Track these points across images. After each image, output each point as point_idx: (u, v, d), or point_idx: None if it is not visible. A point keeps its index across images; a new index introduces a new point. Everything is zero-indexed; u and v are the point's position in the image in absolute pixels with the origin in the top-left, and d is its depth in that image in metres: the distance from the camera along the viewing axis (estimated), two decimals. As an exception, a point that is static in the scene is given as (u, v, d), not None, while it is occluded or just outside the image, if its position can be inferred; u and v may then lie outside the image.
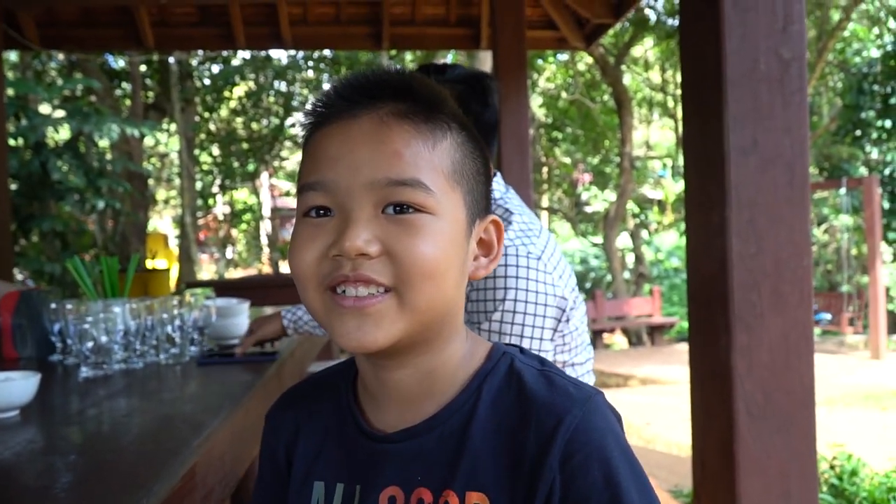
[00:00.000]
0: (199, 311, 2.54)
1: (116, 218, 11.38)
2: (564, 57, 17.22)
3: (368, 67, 0.96)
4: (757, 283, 2.16)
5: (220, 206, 21.96)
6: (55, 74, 13.41)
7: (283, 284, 7.38)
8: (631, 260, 18.08)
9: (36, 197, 7.35)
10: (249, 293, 3.64)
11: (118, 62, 13.86)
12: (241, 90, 18.00)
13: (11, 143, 7.08)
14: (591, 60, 16.25)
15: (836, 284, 15.01)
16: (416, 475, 0.92)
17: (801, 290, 2.18)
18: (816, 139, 16.03)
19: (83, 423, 1.69)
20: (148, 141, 15.65)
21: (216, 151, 18.87)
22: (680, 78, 2.48)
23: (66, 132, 7.75)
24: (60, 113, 7.72)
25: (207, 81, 16.99)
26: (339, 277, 0.87)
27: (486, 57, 10.09)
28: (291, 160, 19.82)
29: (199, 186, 18.39)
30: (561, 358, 1.83)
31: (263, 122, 18.25)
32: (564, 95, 18.32)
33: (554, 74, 18.39)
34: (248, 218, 22.62)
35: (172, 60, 13.62)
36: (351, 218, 0.87)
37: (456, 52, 13.85)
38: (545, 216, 21.39)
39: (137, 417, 1.75)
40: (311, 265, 0.89)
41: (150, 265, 3.62)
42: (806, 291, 2.19)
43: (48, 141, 7.58)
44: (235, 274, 21.96)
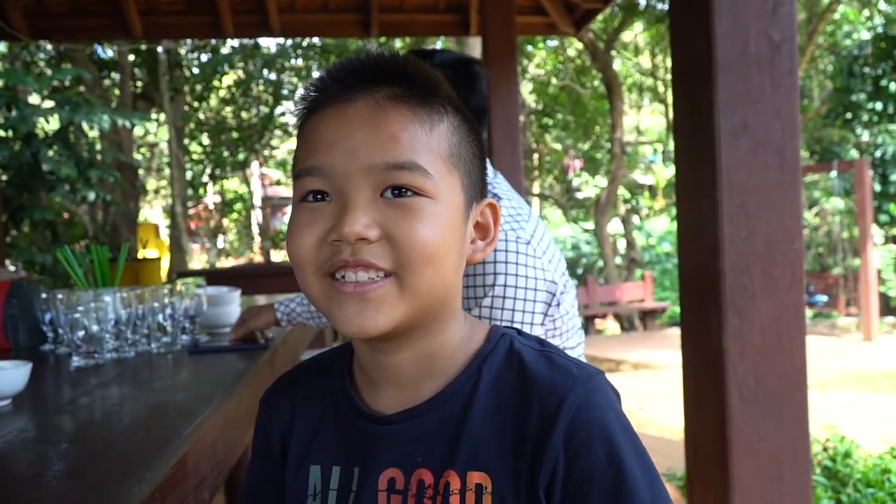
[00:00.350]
0: (190, 299, 2.53)
1: (107, 208, 11.34)
2: (554, 43, 17.19)
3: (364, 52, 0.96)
4: (748, 266, 2.16)
5: (210, 195, 21.89)
6: (44, 65, 13.33)
7: (274, 273, 7.40)
8: (622, 245, 18.13)
9: (26, 188, 7.31)
10: (241, 282, 3.63)
11: (107, 52, 13.79)
12: (230, 79, 17.91)
13: (1, 133, 7.04)
14: (580, 46, 16.22)
15: (828, 267, 15.06)
16: (416, 456, 0.92)
17: (792, 272, 2.18)
18: (807, 122, 16.05)
19: (75, 411, 1.69)
20: (137, 131, 15.59)
21: (206, 141, 18.77)
22: (670, 63, 2.48)
23: (55, 122, 7.69)
24: (50, 103, 7.66)
25: (196, 70, 16.90)
26: (338, 262, 0.86)
27: (475, 43, 10.07)
28: (282, 149, 19.74)
29: (189, 176, 18.32)
30: (552, 342, 1.83)
31: (253, 110, 18.15)
32: (554, 81, 18.28)
33: (544, 60, 18.35)
34: (238, 207, 22.55)
35: (161, 50, 13.55)
36: (349, 202, 0.86)
37: (445, 38, 13.81)
38: (536, 202, 21.39)
39: (129, 406, 1.75)
40: (309, 251, 0.89)
41: (140, 255, 3.60)
42: (797, 274, 2.19)
43: (38, 132, 7.53)
44: (227, 263, 21.93)
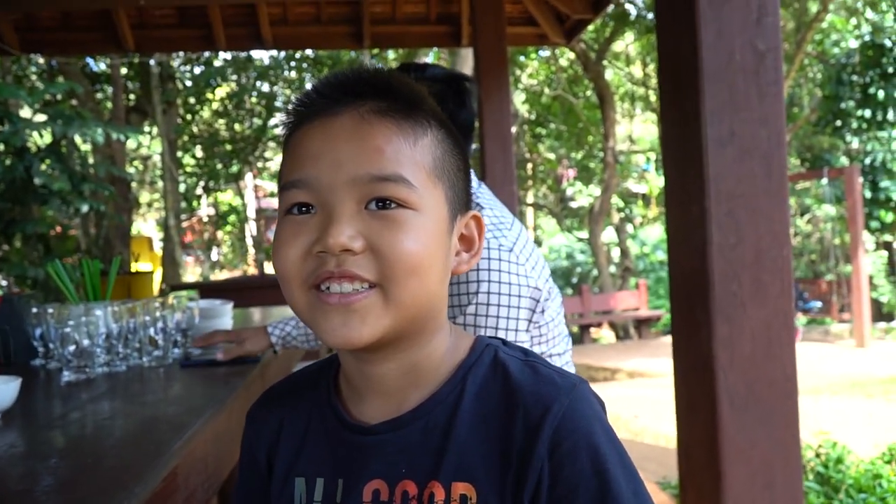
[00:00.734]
0: (182, 312, 2.52)
1: (100, 222, 11.32)
2: (546, 53, 17.25)
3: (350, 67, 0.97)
4: (737, 273, 2.17)
5: (204, 208, 21.88)
6: (35, 79, 13.32)
7: (268, 285, 7.37)
8: (616, 254, 18.16)
9: (19, 201, 7.29)
10: (234, 295, 3.63)
11: (99, 65, 13.78)
12: (223, 91, 17.93)
13: (-6, 148, 7.04)
14: (572, 56, 16.27)
15: (820, 274, 15.10)
16: (400, 467, 0.92)
17: (781, 279, 2.19)
18: (797, 130, 16.12)
19: (65, 426, 1.68)
20: (130, 143, 15.58)
21: (199, 153, 18.77)
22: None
23: (48, 136, 7.69)
24: (42, 117, 7.66)
25: (189, 83, 16.91)
26: (323, 274, 0.87)
27: (467, 54, 10.08)
28: (275, 161, 19.73)
29: (182, 189, 18.30)
30: (538, 349, 1.84)
31: (246, 123, 18.17)
32: (547, 91, 18.33)
33: (536, 70, 18.40)
34: (232, 220, 22.55)
35: (153, 63, 13.55)
36: (334, 214, 0.87)
37: (438, 50, 13.85)
38: (531, 212, 21.44)
39: (120, 420, 1.74)
40: (295, 262, 0.89)
41: (133, 269, 3.61)
42: (786, 281, 2.20)
43: (30, 145, 7.52)
44: (221, 276, 21.91)
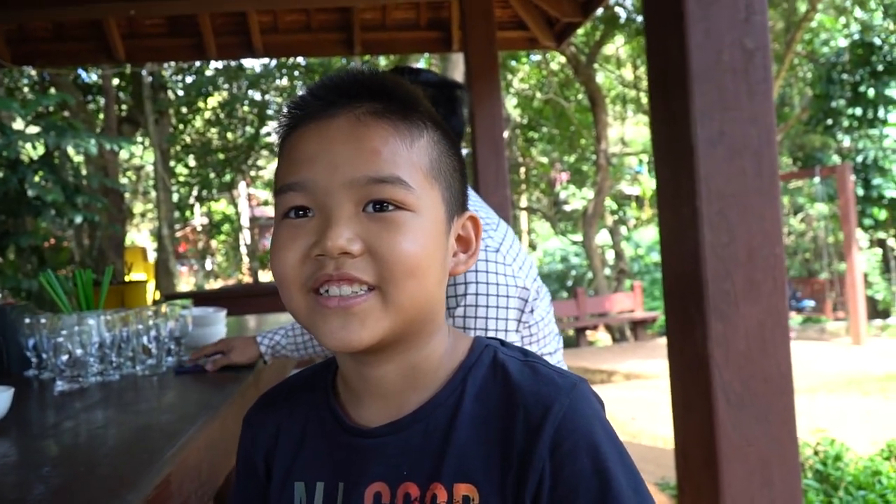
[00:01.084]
0: (175, 321, 2.52)
1: (93, 233, 11.29)
2: (537, 57, 17.27)
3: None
4: (730, 272, 2.17)
5: (197, 217, 21.85)
6: (27, 91, 13.30)
7: (262, 293, 7.38)
8: (611, 256, 18.17)
9: (12, 213, 7.26)
10: (229, 303, 3.62)
11: (91, 76, 13.76)
12: (214, 100, 17.92)
13: (-15, 160, 7.01)
14: (563, 60, 16.29)
15: (815, 272, 15.13)
16: (401, 469, 0.92)
17: (774, 277, 2.19)
18: (789, 130, 16.16)
19: (58, 435, 1.68)
20: (123, 154, 15.55)
21: (192, 163, 18.74)
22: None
23: (40, 148, 7.67)
24: (35, 129, 7.64)
25: (181, 92, 16.89)
26: (322, 277, 0.87)
27: (458, 59, 10.09)
28: (268, 169, 19.73)
29: (175, 198, 18.28)
30: (529, 349, 1.83)
31: (238, 131, 18.16)
32: (539, 95, 18.36)
33: (528, 75, 18.42)
34: (226, 228, 22.51)
35: (145, 73, 13.54)
36: (332, 217, 0.87)
37: (429, 55, 13.85)
38: (524, 216, 21.45)
39: (113, 429, 1.74)
40: (293, 266, 0.89)
41: (127, 279, 3.59)
42: (779, 279, 2.20)
43: (23, 157, 7.49)
44: (215, 285, 21.87)
